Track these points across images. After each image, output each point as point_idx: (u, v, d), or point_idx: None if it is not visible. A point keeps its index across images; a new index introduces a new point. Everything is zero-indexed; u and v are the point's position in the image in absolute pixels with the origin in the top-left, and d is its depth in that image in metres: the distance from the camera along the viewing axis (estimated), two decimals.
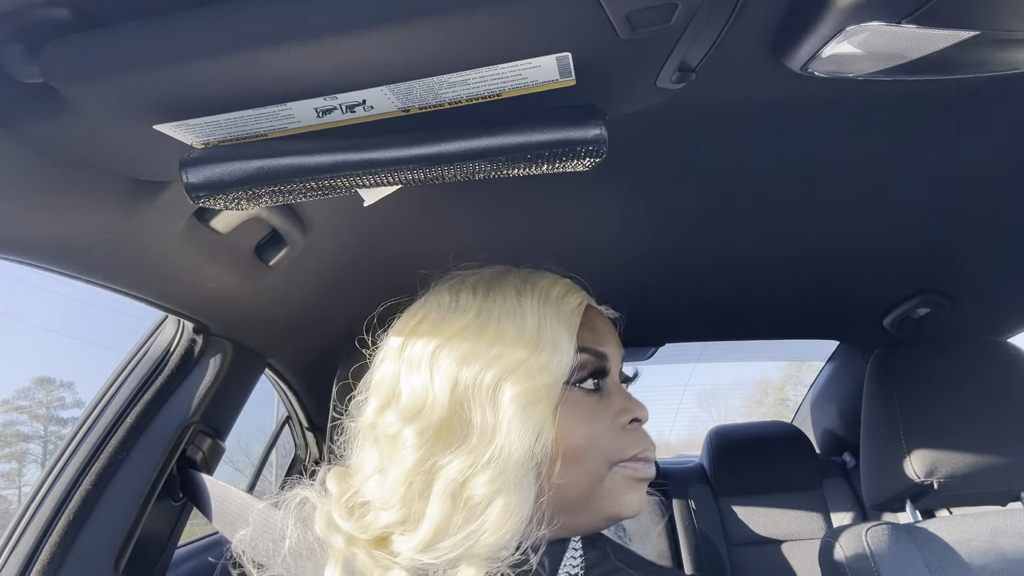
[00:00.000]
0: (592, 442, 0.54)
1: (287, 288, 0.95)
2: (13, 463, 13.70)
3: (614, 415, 0.56)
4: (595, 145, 0.51)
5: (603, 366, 0.58)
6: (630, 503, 0.54)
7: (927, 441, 1.02)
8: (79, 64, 0.42)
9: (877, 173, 0.81)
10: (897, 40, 0.45)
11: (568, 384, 0.55)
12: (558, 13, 0.41)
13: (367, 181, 0.53)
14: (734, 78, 0.56)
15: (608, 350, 0.58)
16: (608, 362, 0.58)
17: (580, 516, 0.55)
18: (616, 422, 0.56)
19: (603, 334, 0.60)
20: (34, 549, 0.76)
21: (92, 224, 0.63)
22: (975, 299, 1.23)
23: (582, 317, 0.58)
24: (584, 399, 0.56)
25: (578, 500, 0.54)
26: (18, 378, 33.29)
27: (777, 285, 1.24)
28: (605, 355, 0.58)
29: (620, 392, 0.58)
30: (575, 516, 0.55)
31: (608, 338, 0.60)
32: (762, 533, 1.84)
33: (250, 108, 0.48)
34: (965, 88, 0.62)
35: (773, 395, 19.17)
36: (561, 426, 0.53)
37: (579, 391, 0.56)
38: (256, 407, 1.19)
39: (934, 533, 0.96)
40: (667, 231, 0.99)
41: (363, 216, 0.82)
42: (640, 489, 0.55)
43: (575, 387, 0.56)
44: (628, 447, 0.55)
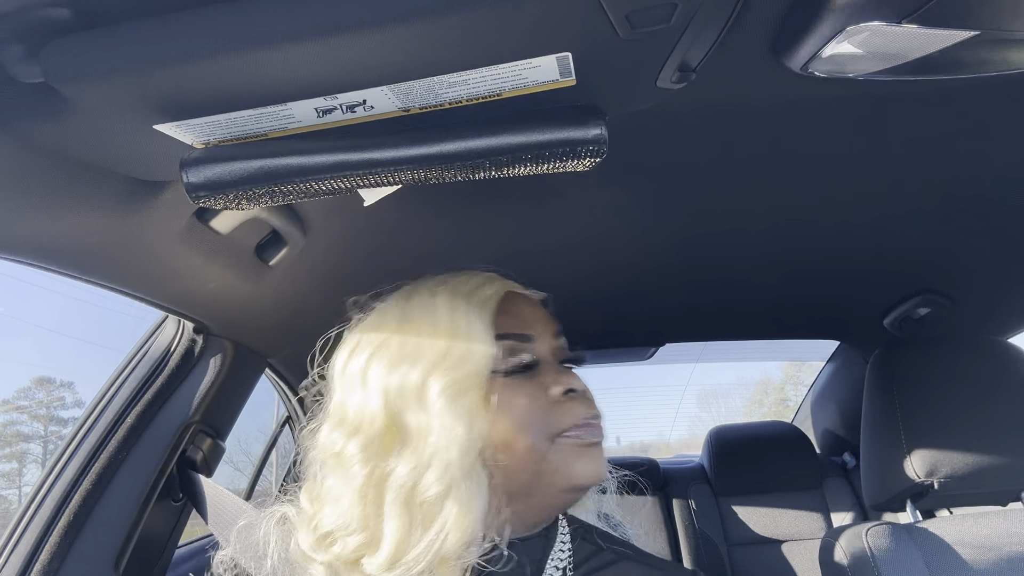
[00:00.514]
0: (526, 421, 0.55)
1: (287, 288, 0.95)
2: (13, 463, 13.70)
3: (547, 391, 0.57)
4: (595, 145, 0.51)
5: (528, 348, 0.59)
6: (581, 470, 0.54)
7: (927, 441, 1.02)
8: (79, 64, 0.42)
9: (877, 173, 0.81)
10: (897, 40, 0.45)
11: (497, 371, 0.56)
12: (558, 13, 0.41)
13: (367, 181, 0.53)
14: (734, 78, 0.56)
15: (534, 331, 0.60)
16: (534, 343, 0.59)
17: (538, 495, 0.55)
18: (550, 397, 0.57)
19: (526, 318, 0.61)
20: (34, 549, 0.76)
21: (92, 224, 0.63)
22: (975, 299, 1.23)
23: (502, 304, 0.60)
24: (514, 382, 0.57)
25: (531, 480, 0.55)
26: (18, 378, 33.30)
27: (777, 285, 1.24)
28: (529, 336, 0.59)
29: (553, 369, 0.59)
30: (534, 496, 0.55)
31: (533, 320, 0.61)
32: (762, 533, 1.84)
33: (250, 108, 0.48)
34: (965, 88, 0.62)
35: (773, 395, 19.18)
36: (496, 412, 0.54)
37: (508, 376, 0.57)
38: (256, 407, 1.19)
39: (934, 533, 0.96)
40: (667, 231, 0.99)
41: (363, 216, 0.82)
42: (590, 454, 0.55)
43: (504, 373, 0.57)
44: (565, 418, 0.55)
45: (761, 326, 1.57)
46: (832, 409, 2.00)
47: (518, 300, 0.63)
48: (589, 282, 1.19)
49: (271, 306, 0.97)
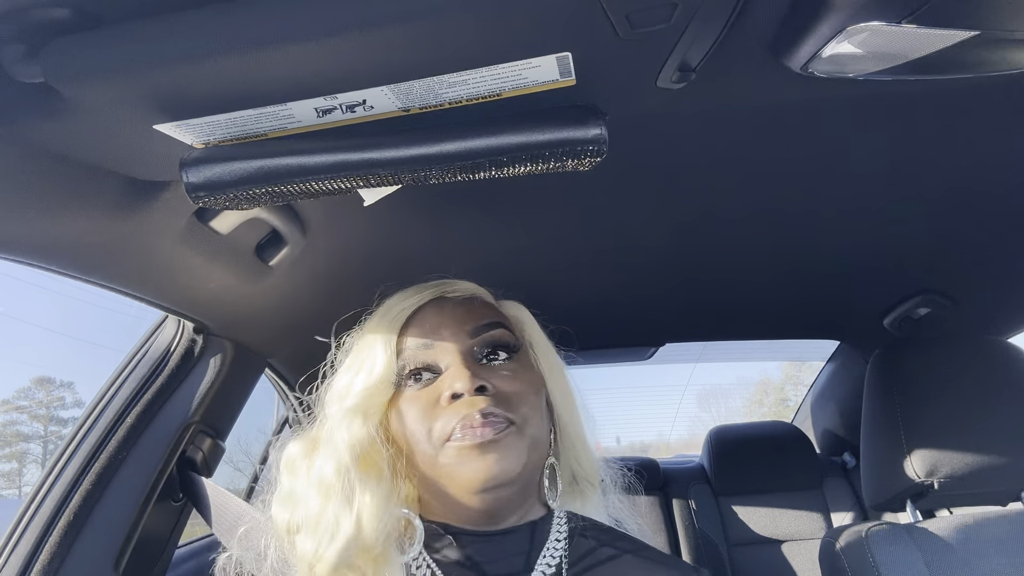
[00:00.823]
0: (416, 429, 0.57)
1: (287, 288, 0.95)
2: (13, 463, 13.69)
3: (438, 398, 0.58)
4: (595, 145, 0.51)
5: (425, 360, 0.60)
6: (467, 473, 0.54)
7: (927, 441, 1.02)
8: (80, 64, 0.42)
9: (877, 173, 0.81)
10: (897, 40, 0.45)
11: (400, 383, 0.60)
12: (558, 13, 0.41)
13: (367, 181, 0.53)
14: (734, 78, 0.56)
15: (436, 338, 0.60)
16: (434, 350, 0.60)
17: (447, 498, 0.57)
18: (440, 403, 0.57)
19: (433, 327, 0.61)
20: (34, 549, 0.76)
21: (92, 224, 0.63)
22: (975, 299, 1.23)
23: (414, 316, 0.63)
24: (414, 392, 0.59)
25: (434, 483, 0.57)
26: (18, 378, 33.28)
27: (777, 285, 1.24)
28: (428, 344, 0.60)
29: (451, 374, 0.58)
30: (450, 498, 0.57)
31: (439, 327, 0.61)
32: (762, 533, 1.84)
33: (250, 108, 0.48)
34: (965, 88, 0.62)
35: (773, 395, 19.18)
36: (398, 421, 0.59)
37: (408, 389, 0.60)
38: (256, 407, 1.19)
39: (934, 533, 0.96)
40: (667, 231, 0.99)
41: (363, 216, 0.82)
42: (475, 456, 0.54)
43: (405, 384, 0.60)
44: (448, 422, 0.56)
45: (761, 326, 1.57)
46: (832, 409, 2.00)
47: (431, 308, 0.63)
48: (589, 282, 1.19)
49: (271, 306, 0.97)
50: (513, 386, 0.58)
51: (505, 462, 0.54)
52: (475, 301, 0.64)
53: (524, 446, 0.56)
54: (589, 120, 0.50)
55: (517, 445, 0.55)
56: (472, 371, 0.57)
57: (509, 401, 0.57)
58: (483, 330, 0.61)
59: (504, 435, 0.54)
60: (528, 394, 0.58)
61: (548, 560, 0.57)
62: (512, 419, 0.55)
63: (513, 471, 0.54)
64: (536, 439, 0.57)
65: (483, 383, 0.56)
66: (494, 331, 0.61)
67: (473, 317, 0.61)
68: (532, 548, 0.58)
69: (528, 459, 0.56)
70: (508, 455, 0.54)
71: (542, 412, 0.60)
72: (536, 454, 0.57)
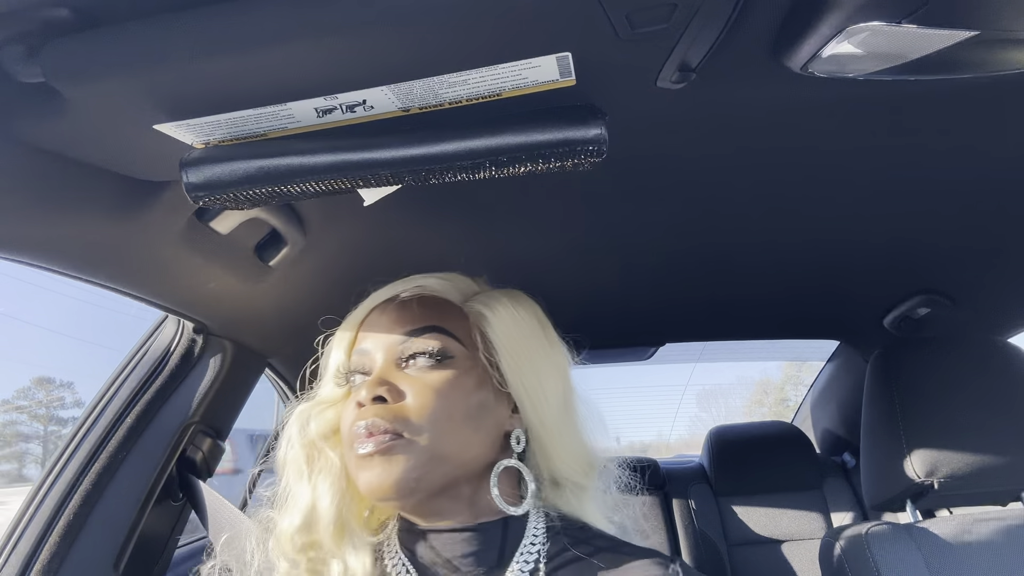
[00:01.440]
0: (343, 430, 0.58)
1: (287, 288, 0.95)
2: (13, 463, 13.69)
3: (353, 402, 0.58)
4: (595, 145, 0.51)
5: (360, 364, 0.61)
6: (360, 482, 0.55)
7: (927, 441, 1.02)
8: (79, 64, 0.42)
9: (877, 173, 0.81)
10: (897, 40, 0.45)
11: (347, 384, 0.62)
12: (558, 13, 0.41)
13: (367, 181, 0.53)
14: (734, 78, 0.56)
15: (369, 345, 0.61)
16: (368, 356, 0.60)
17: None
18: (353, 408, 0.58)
19: (370, 331, 0.62)
20: (34, 549, 0.76)
21: (92, 224, 0.63)
22: (975, 299, 1.23)
23: (369, 316, 0.63)
24: (351, 396, 0.59)
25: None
26: (18, 378, 33.28)
27: (777, 285, 1.24)
28: (366, 350, 0.61)
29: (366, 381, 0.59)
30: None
31: (375, 333, 0.61)
32: (762, 533, 1.84)
33: (250, 108, 0.48)
34: (966, 88, 0.62)
35: (773, 395, 19.17)
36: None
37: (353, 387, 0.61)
38: (256, 407, 1.19)
39: (934, 533, 0.96)
40: (667, 231, 0.99)
41: (363, 216, 0.82)
42: (361, 467, 0.54)
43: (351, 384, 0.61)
44: (349, 428, 0.56)
45: (761, 326, 1.57)
46: (832, 409, 2.00)
47: (377, 310, 0.63)
48: (588, 282, 1.19)
49: (271, 306, 0.97)
50: (422, 397, 0.56)
51: (387, 476, 0.53)
52: (419, 302, 0.62)
53: (415, 459, 0.54)
54: (589, 120, 0.50)
55: (404, 460, 0.54)
56: (383, 379, 0.57)
57: (407, 413, 0.55)
58: (412, 335, 0.59)
59: (386, 448, 0.53)
60: (438, 404, 0.56)
61: (526, 558, 0.57)
62: (401, 432, 0.54)
63: (398, 485, 0.53)
64: (440, 451, 0.55)
65: (382, 392, 0.55)
66: (422, 336, 0.59)
67: (406, 321, 0.60)
68: (505, 544, 0.58)
69: (426, 471, 0.54)
70: (390, 470, 0.53)
71: (462, 422, 0.57)
72: (446, 465, 0.56)
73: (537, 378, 0.61)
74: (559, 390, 0.63)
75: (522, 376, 0.60)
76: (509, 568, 0.57)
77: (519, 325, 0.63)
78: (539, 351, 0.63)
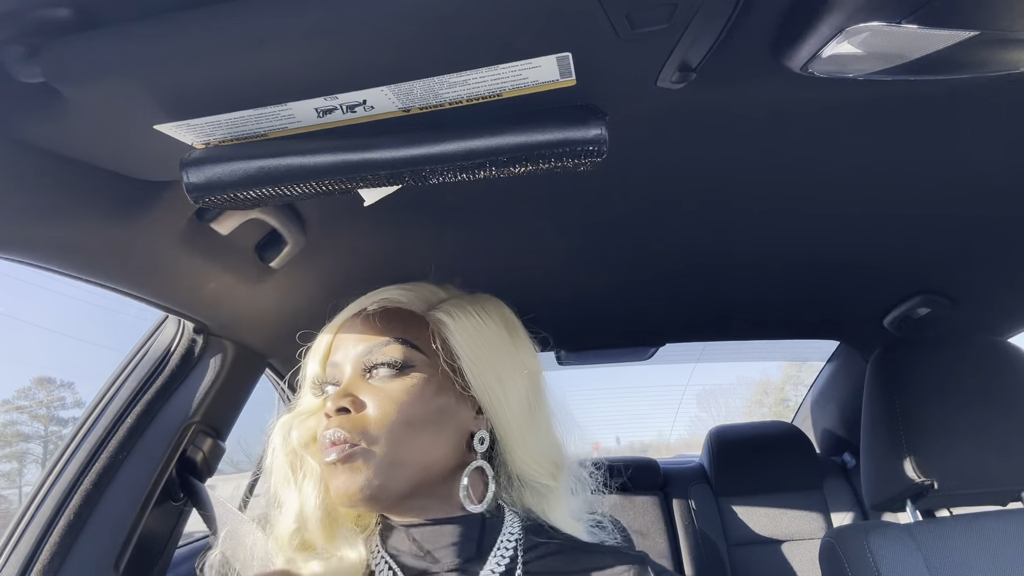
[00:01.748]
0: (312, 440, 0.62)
1: (287, 288, 0.95)
2: (14, 463, 13.68)
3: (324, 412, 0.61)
4: (595, 145, 0.51)
5: (332, 375, 0.64)
6: (331, 491, 0.58)
7: (927, 441, 1.02)
8: (80, 64, 0.42)
9: (877, 173, 0.81)
10: (897, 40, 0.45)
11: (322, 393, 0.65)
12: (558, 13, 0.41)
13: (367, 181, 0.53)
14: (734, 78, 0.56)
15: (338, 357, 0.63)
16: (338, 368, 0.63)
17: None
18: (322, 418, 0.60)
19: (340, 343, 0.64)
20: (35, 549, 0.76)
21: (92, 224, 0.63)
22: (975, 299, 1.23)
23: (341, 328, 0.66)
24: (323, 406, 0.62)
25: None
26: (18, 378, 33.26)
27: (777, 285, 1.24)
28: (336, 362, 0.64)
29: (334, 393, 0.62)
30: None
31: (344, 345, 0.64)
32: (762, 533, 1.84)
33: (250, 108, 0.48)
34: (966, 88, 0.62)
35: (773, 395, 19.15)
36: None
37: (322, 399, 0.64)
38: (256, 407, 1.19)
39: (934, 533, 0.96)
40: (667, 231, 0.99)
41: (363, 216, 0.82)
42: (331, 474, 0.58)
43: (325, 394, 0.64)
44: (320, 437, 0.59)
45: (761, 326, 1.57)
46: (832, 409, 2.00)
47: (348, 322, 0.66)
48: (589, 282, 1.19)
49: (271, 306, 0.97)
50: (381, 407, 0.59)
51: (350, 484, 0.57)
52: (381, 315, 0.64)
53: (375, 467, 0.57)
54: (589, 120, 0.50)
55: (364, 468, 0.57)
56: (347, 391, 0.60)
57: (367, 424, 0.58)
58: (373, 347, 0.62)
59: (346, 456, 0.57)
60: (396, 413, 0.59)
61: (503, 552, 0.61)
62: (358, 442, 0.57)
63: (362, 491, 0.56)
64: (399, 457, 0.58)
65: (345, 403, 0.58)
66: (385, 348, 0.62)
67: (369, 333, 0.63)
68: (483, 537, 0.61)
69: (387, 477, 0.57)
70: (352, 478, 0.57)
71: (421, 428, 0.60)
72: (408, 469, 0.58)
73: (499, 381, 0.63)
74: (522, 392, 0.65)
75: (483, 379, 0.63)
76: (487, 561, 0.60)
77: (480, 330, 0.65)
78: (502, 354, 0.65)
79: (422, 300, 0.67)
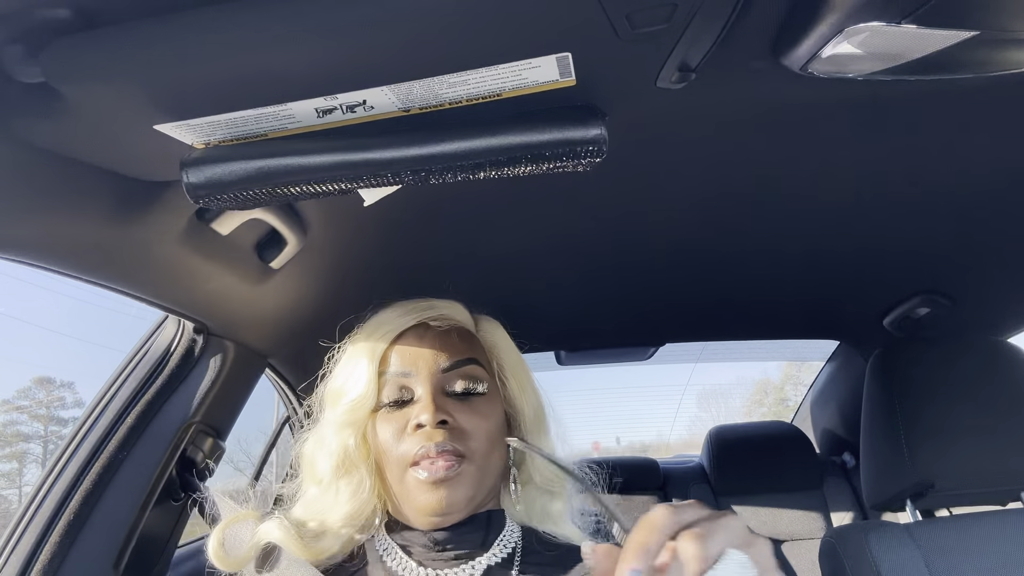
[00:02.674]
0: (386, 449, 0.64)
1: (287, 288, 0.95)
2: (13, 463, 13.68)
3: (406, 424, 0.63)
4: (595, 145, 0.51)
5: (404, 382, 0.66)
6: (421, 502, 0.61)
7: (927, 441, 1.02)
8: (80, 64, 0.42)
9: (877, 173, 0.81)
10: (897, 40, 0.45)
11: (379, 404, 0.66)
12: (558, 13, 0.41)
13: (367, 181, 0.53)
14: (734, 78, 0.56)
15: (413, 368, 0.66)
16: (411, 378, 0.66)
17: (405, 508, 0.64)
18: (407, 429, 0.63)
19: (411, 356, 0.66)
20: (34, 549, 0.76)
21: (92, 224, 0.63)
22: (975, 299, 1.23)
23: (398, 339, 0.68)
24: (389, 415, 0.65)
25: (398, 498, 0.65)
26: (18, 378, 33.26)
27: (777, 285, 1.24)
28: (407, 372, 0.66)
29: (420, 406, 0.63)
30: (404, 507, 0.64)
31: (417, 356, 0.66)
32: (762, 533, 1.84)
33: (250, 108, 0.48)
34: (965, 88, 0.62)
35: (773, 395, 19.17)
36: (373, 439, 0.66)
37: (385, 408, 0.66)
38: (256, 407, 1.19)
39: (934, 533, 0.96)
40: (667, 231, 0.99)
41: (363, 216, 0.82)
42: (430, 490, 0.60)
43: (385, 405, 0.66)
44: (411, 449, 0.61)
45: (761, 326, 1.57)
46: (832, 409, 2.00)
47: (412, 335, 0.68)
48: (589, 282, 1.19)
49: (271, 306, 0.97)
50: (473, 421, 0.63)
51: (455, 495, 0.60)
52: (453, 333, 0.68)
53: (475, 478, 0.62)
54: (589, 120, 0.51)
55: (468, 479, 0.61)
56: (438, 404, 0.63)
57: (465, 435, 0.62)
58: (456, 366, 0.66)
59: (456, 471, 0.60)
60: (486, 427, 0.64)
61: (504, 543, 0.65)
62: (464, 453, 0.61)
63: (461, 503, 0.61)
64: (488, 466, 0.63)
65: (446, 417, 0.62)
66: (466, 367, 0.66)
67: (449, 351, 0.67)
68: (489, 531, 0.65)
69: (478, 488, 0.62)
70: (458, 489, 0.61)
71: (498, 439, 0.65)
72: (489, 479, 0.64)
73: (527, 400, 0.70)
74: (541, 408, 0.72)
75: (522, 398, 0.70)
76: (490, 550, 0.64)
77: (514, 350, 0.72)
78: (528, 374, 0.72)
79: (470, 320, 0.73)
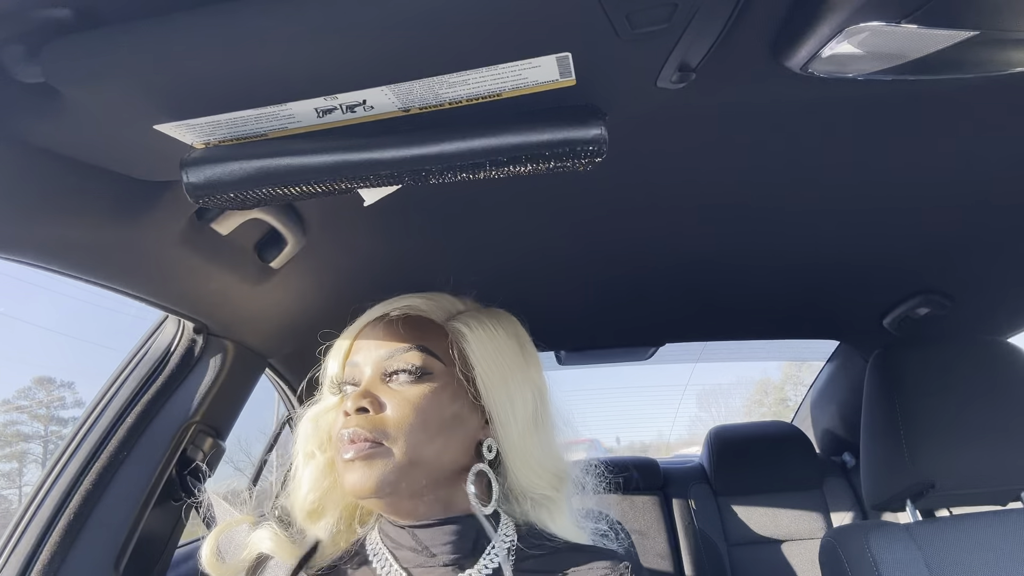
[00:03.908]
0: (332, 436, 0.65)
1: (287, 288, 0.95)
2: (13, 463, 13.68)
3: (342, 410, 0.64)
4: (595, 145, 0.51)
5: (351, 376, 0.67)
6: (344, 482, 0.62)
7: (927, 441, 1.02)
8: (79, 64, 0.42)
9: (877, 173, 0.81)
10: (897, 40, 0.45)
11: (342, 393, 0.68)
12: (558, 13, 0.41)
13: (367, 181, 0.53)
14: (734, 78, 0.56)
15: (359, 359, 0.66)
16: (357, 368, 0.66)
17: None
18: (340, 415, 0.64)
19: (363, 345, 0.67)
20: (35, 549, 0.76)
21: (92, 224, 0.63)
22: (975, 299, 1.23)
23: (361, 333, 0.68)
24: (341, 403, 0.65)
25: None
26: (18, 378, 33.23)
27: (777, 285, 1.24)
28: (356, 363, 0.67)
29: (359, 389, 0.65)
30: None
31: (364, 348, 0.67)
32: (762, 533, 1.84)
33: (250, 108, 0.48)
34: (965, 88, 0.62)
35: (773, 395, 19.16)
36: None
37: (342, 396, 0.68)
38: (256, 407, 1.19)
39: (934, 533, 0.96)
40: (667, 231, 0.99)
41: (363, 216, 0.82)
42: (345, 470, 0.61)
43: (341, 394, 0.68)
44: (339, 435, 0.62)
45: (761, 326, 1.57)
46: (832, 409, 2.00)
47: (369, 327, 0.68)
48: (589, 282, 1.19)
49: (271, 306, 0.97)
50: (400, 410, 0.62)
51: (366, 479, 0.60)
52: (404, 322, 0.67)
53: (393, 466, 0.60)
54: (589, 120, 0.50)
55: (381, 465, 0.60)
56: (367, 391, 0.63)
57: (385, 424, 0.61)
58: (395, 352, 0.65)
59: (367, 455, 0.60)
60: (414, 416, 0.62)
61: (497, 549, 0.64)
62: (381, 441, 0.60)
63: (375, 487, 0.60)
64: (415, 457, 0.61)
65: (365, 404, 0.61)
66: (406, 354, 0.65)
67: (392, 339, 0.66)
68: (480, 536, 0.64)
69: (402, 475, 0.60)
70: (369, 474, 0.60)
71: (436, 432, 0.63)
72: (424, 469, 0.62)
73: (508, 397, 0.67)
74: (529, 409, 0.68)
75: (494, 393, 0.66)
76: (482, 556, 0.63)
77: (496, 344, 0.68)
78: (514, 370, 0.68)
79: (442, 310, 0.70)
